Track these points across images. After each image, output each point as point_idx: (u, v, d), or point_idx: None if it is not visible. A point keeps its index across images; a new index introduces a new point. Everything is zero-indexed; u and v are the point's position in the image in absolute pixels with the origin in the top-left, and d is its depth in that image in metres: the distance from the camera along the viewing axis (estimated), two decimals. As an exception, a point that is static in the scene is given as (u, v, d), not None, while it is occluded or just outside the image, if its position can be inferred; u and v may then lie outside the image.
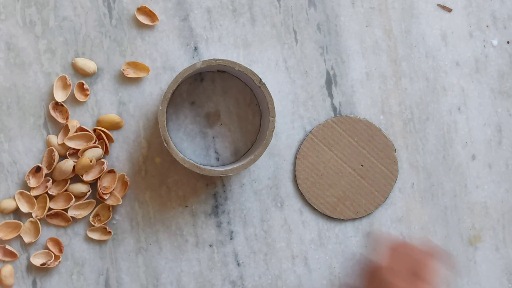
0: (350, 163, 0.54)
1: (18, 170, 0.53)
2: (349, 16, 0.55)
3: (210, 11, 0.54)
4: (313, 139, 0.54)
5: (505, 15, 0.56)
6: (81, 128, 0.53)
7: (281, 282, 0.55)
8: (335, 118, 0.54)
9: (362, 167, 0.54)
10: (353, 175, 0.54)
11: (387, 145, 0.55)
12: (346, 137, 0.54)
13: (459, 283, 0.56)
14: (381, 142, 0.54)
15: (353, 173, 0.54)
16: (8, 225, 0.53)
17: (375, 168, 0.54)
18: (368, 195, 0.54)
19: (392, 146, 0.54)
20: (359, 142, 0.54)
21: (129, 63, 0.53)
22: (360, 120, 0.54)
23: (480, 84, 0.56)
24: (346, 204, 0.54)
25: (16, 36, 0.53)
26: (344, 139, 0.54)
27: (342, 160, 0.54)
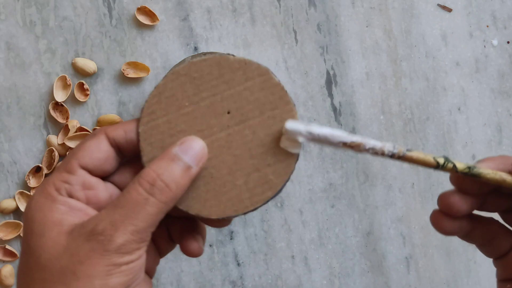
0: (215, 126, 0.36)
1: (18, 170, 0.53)
2: (349, 16, 0.55)
3: (210, 11, 0.54)
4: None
5: (505, 15, 0.56)
6: (81, 128, 0.53)
7: (281, 282, 0.55)
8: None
9: (230, 114, 0.36)
10: (233, 131, 0.37)
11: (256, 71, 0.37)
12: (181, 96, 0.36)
13: (459, 283, 0.56)
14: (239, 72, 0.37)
15: (230, 131, 0.37)
16: (8, 225, 0.53)
17: (241, 98, 0.37)
18: (268, 128, 0.36)
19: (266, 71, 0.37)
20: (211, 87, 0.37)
21: (129, 63, 0.53)
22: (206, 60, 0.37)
23: (480, 84, 0.56)
24: (269, 161, 0.36)
25: (16, 36, 0.53)
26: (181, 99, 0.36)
27: (206, 135, 0.36)
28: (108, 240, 0.32)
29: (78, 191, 0.34)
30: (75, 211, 0.34)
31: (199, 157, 0.35)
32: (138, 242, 0.33)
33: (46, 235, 0.33)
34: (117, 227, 0.32)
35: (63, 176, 0.35)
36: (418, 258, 0.56)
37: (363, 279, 0.55)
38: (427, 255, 0.56)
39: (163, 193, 0.33)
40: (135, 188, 0.33)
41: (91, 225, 0.32)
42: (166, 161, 0.34)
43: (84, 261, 0.32)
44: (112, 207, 0.33)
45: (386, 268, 0.55)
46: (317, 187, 0.55)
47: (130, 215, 0.32)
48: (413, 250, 0.55)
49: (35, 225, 0.33)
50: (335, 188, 0.55)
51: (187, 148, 0.35)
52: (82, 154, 0.35)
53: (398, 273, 0.55)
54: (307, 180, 0.55)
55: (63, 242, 0.32)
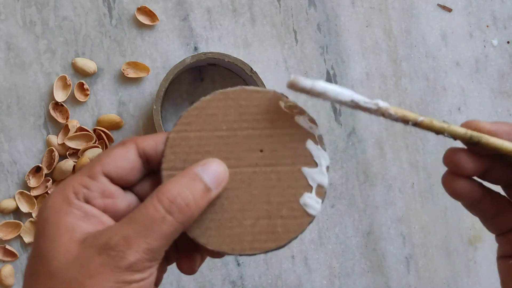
0: (243, 160, 0.35)
1: (18, 170, 0.53)
2: (349, 16, 0.55)
3: (210, 11, 0.54)
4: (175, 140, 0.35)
5: (505, 15, 0.56)
6: (81, 128, 0.53)
7: (281, 282, 0.55)
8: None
9: (262, 152, 0.35)
10: (259, 171, 0.35)
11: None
12: (217, 122, 0.36)
13: (459, 283, 0.56)
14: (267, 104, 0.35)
15: (257, 170, 0.35)
16: (8, 225, 0.53)
17: (279, 142, 0.35)
18: (294, 180, 0.35)
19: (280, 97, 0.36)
20: (241, 119, 0.36)
21: (129, 63, 0.53)
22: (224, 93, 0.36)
23: (480, 84, 0.56)
24: (283, 213, 0.35)
25: (16, 36, 0.53)
26: (213, 130, 0.36)
27: (232, 165, 0.35)
28: (120, 257, 0.31)
29: (97, 198, 0.34)
30: (89, 217, 0.33)
31: (219, 181, 0.34)
32: (151, 260, 0.32)
33: (57, 240, 0.32)
34: (130, 244, 0.31)
35: (84, 181, 0.34)
36: (418, 258, 0.56)
37: (363, 279, 0.55)
38: (427, 255, 0.56)
39: (182, 212, 0.32)
40: (153, 204, 0.32)
41: (104, 238, 0.32)
42: (188, 180, 0.33)
43: (93, 275, 0.31)
44: (128, 220, 0.32)
45: (386, 268, 0.55)
46: (317, 187, 0.55)
47: (145, 233, 0.31)
48: (413, 250, 0.55)
49: (48, 227, 0.33)
50: (335, 188, 0.55)
51: (209, 170, 0.34)
52: (107, 161, 0.34)
53: (398, 273, 0.55)
54: (307, 180, 0.55)
55: (74, 251, 0.32)
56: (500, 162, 0.35)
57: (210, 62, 0.53)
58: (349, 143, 0.55)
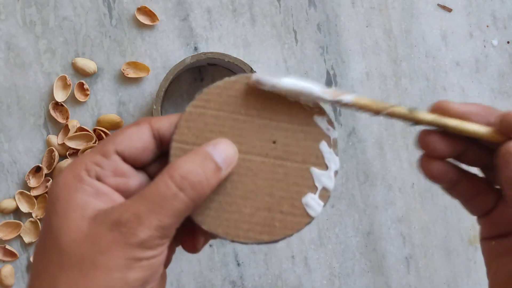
0: (254, 147, 0.35)
1: (18, 170, 0.53)
2: (349, 16, 0.55)
3: (210, 11, 0.54)
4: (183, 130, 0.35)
5: (505, 15, 0.56)
6: (81, 128, 0.53)
7: (281, 282, 0.55)
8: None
9: (275, 144, 0.35)
10: (268, 162, 0.35)
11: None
12: (228, 114, 0.35)
13: (459, 283, 0.56)
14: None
15: (266, 160, 0.35)
16: (8, 225, 0.53)
17: (294, 137, 0.35)
18: (301, 178, 0.35)
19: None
20: (249, 110, 0.35)
21: (129, 63, 0.53)
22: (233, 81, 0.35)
23: (480, 84, 0.56)
24: (284, 208, 0.35)
25: (16, 36, 0.53)
26: (227, 117, 0.35)
27: (242, 151, 0.35)
28: (131, 234, 0.31)
29: (109, 176, 0.34)
30: (101, 195, 0.33)
31: (229, 161, 0.34)
32: (162, 238, 0.32)
33: (68, 217, 0.32)
34: (141, 221, 0.31)
35: (97, 158, 0.33)
36: (418, 258, 0.56)
37: (363, 279, 0.55)
38: (427, 255, 0.56)
39: (194, 189, 0.32)
40: (165, 181, 0.32)
41: (116, 215, 0.31)
42: (199, 158, 0.33)
43: (104, 251, 0.31)
44: (139, 197, 0.32)
45: (386, 268, 0.55)
46: (317, 187, 0.55)
47: (157, 210, 0.31)
48: (413, 250, 0.55)
49: (59, 204, 0.32)
50: (335, 188, 0.55)
51: (220, 150, 0.34)
52: (121, 140, 0.34)
53: (398, 273, 0.55)
54: (307, 180, 0.55)
55: (85, 227, 0.32)
56: (475, 144, 0.34)
57: (210, 62, 0.53)
58: (349, 143, 0.55)
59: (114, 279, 0.31)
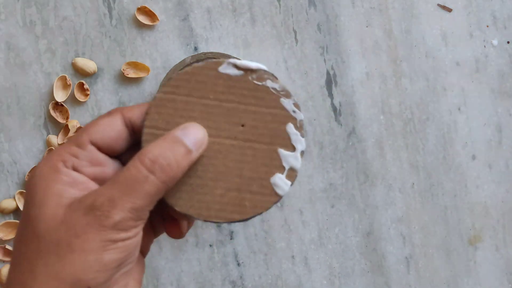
0: (224, 131, 0.36)
1: (18, 170, 0.53)
2: (349, 16, 0.55)
3: (210, 11, 0.54)
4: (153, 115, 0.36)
5: (505, 15, 0.56)
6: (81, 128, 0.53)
7: (281, 282, 0.55)
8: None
9: (243, 127, 0.36)
10: (237, 145, 0.36)
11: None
12: (195, 99, 0.36)
13: (459, 283, 0.56)
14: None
15: (235, 143, 0.36)
16: (8, 225, 0.53)
17: (261, 120, 0.36)
18: (269, 159, 0.36)
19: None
20: (219, 95, 0.36)
21: (129, 63, 0.53)
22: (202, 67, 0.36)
23: (480, 84, 0.56)
24: (253, 188, 0.36)
25: (16, 36, 0.53)
26: (195, 102, 0.36)
27: (212, 134, 0.36)
28: (105, 216, 0.32)
29: (85, 166, 0.35)
30: (77, 184, 0.34)
31: (199, 143, 0.35)
32: (135, 219, 0.33)
33: (45, 205, 0.33)
34: (115, 204, 0.32)
35: (72, 149, 0.34)
36: (418, 258, 0.56)
37: (363, 279, 0.55)
38: (427, 255, 0.56)
39: (164, 172, 0.33)
40: (135, 166, 0.33)
41: (90, 200, 0.32)
42: (168, 142, 0.34)
43: (80, 235, 0.32)
44: (112, 183, 0.33)
45: (386, 268, 0.55)
46: (317, 187, 0.55)
47: (129, 192, 0.32)
48: (413, 250, 0.55)
49: (36, 194, 0.33)
50: (335, 188, 0.55)
51: (189, 133, 0.35)
52: (94, 130, 0.35)
53: (398, 273, 0.55)
54: (307, 180, 0.55)
55: (61, 214, 0.33)
56: None
57: (210, 62, 0.53)
58: (349, 143, 0.55)
59: (90, 261, 0.32)
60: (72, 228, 0.32)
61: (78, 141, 0.35)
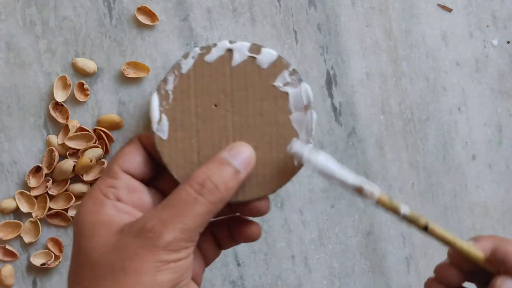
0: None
1: (18, 170, 0.53)
2: (349, 16, 0.55)
3: (210, 11, 0.54)
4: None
5: (505, 15, 0.56)
6: (81, 128, 0.53)
7: (281, 282, 0.55)
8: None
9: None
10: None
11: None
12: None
13: (459, 283, 0.56)
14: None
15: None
16: (8, 225, 0.53)
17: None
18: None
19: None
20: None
21: (129, 63, 0.53)
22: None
23: (480, 84, 0.56)
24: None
25: (16, 36, 0.53)
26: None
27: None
28: (157, 237, 0.32)
29: (124, 194, 0.36)
30: (123, 213, 0.35)
31: (247, 163, 0.36)
32: (187, 241, 0.33)
33: (96, 235, 0.34)
34: (166, 225, 0.33)
35: (108, 182, 0.36)
36: (418, 258, 0.56)
37: (363, 279, 0.55)
38: (427, 255, 0.56)
39: (213, 193, 0.34)
40: (185, 189, 0.34)
41: (140, 223, 0.33)
42: (216, 165, 0.35)
43: (133, 257, 0.32)
44: (161, 206, 0.34)
45: (386, 268, 0.55)
46: (317, 187, 0.55)
47: (180, 214, 0.33)
48: (413, 250, 0.55)
49: (86, 227, 0.34)
50: (335, 188, 0.55)
51: (236, 154, 0.36)
52: (122, 159, 0.37)
53: (398, 273, 0.55)
54: (307, 180, 0.55)
55: (112, 240, 0.33)
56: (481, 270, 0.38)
57: (210, 62, 0.53)
58: (349, 143, 0.55)
59: (145, 282, 0.32)
60: (124, 251, 0.33)
61: (111, 172, 0.36)
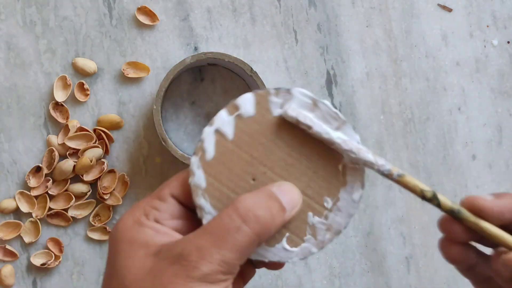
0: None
1: (18, 170, 0.53)
2: (349, 16, 0.55)
3: (210, 11, 0.54)
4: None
5: (505, 15, 0.56)
6: (81, 128, 0.53)
7: (281, 282, 0.55)
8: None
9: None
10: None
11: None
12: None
13: (459, 283, 0.56)
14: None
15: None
16: (8, 225, 0.53)
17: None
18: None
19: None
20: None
21: (129, 63, 0.53)
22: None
23: (481, 84, 0.56)
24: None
25: (16, 36, 0.53)
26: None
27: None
28: (193, 267, 0.31)
29: (167, 219, 0.34)
30: (161, 234, 0.33)
31: (294, 203, 0.34)
32: (225, 273, 0.31)
33: (132, 256, 0.32)
34: (203, 254, 0.31)
35: (154, 203, 0.34)
36: (418, 258, 0.56)
37: (363, 279, 0.55)
38: (427, 255, 0.56)
39: (258, 223, 0.32)
40: (229, 214, 0.32)
41: (178, 249, 0.31)
42: (264, 195, 0.33)
43: (166, 284, 0.31)
44: (202, 231, 0.32)
45: (386, 268, 0.55)
46: (317, 187, 0.55)
47: (219, 243, 0.31)
48: (413, 250, 0.55)
49: (122, 245, 0.33)
50: (335, 188, 0.55)
51: (285, 191, 0.34)
52: (175, 184, 0.35)
53: (398, 273, 0.55)
54: (307, 180, 0.55)
55: (149, 264, 0.32)
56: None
57: (210, 62, 0.53)
58: (349, 143, 0.55)
59: None
60: (158, 277, 0.31)
61: (159, 194, 0.35)
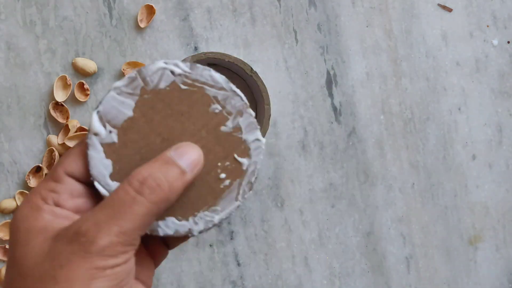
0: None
1: (18, 170, 0.53)
2: (349, 16, 0.55)
3: (210, 11, 0.54)
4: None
5: (505, 15, 0.56)
6: (82, 128, 0.53)
7: (281, 282, 0.55)
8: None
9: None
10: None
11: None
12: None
13: (459, 283, 0.56)
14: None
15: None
16: (8, 225, 0.53)
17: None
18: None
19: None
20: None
21: (129, 63, 0.53)
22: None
23: (481, 84, 0.56)
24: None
25: (16, 36, 0.53)
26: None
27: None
28: (90, 242, 0.30)
29: (66, 200, 0.33)
30: (61, 218, 0.32)
31: (194, 164, 0.33)
32: (124, 245, 0.30)
33: (30, 243, 0.31)
34: (100, 228, 0.30)
35: (50, 185, 0.33)
36: (418, 258, 0.56)
37: (363, 279, 0.55)
38: (427, 255, 0.56)
39: (154, 192, 0.31)
40: (123, 188, 0.31)
41: (75, 227, 0.30)
42: (160, 163, 0.32)
43: (64, 264, 0.30)
44: (98, 207, 0.31)
45: (386, 268, 0.55)
46: (317, 187, 0.55)
47: (116, 215, 0.30)
48: (413, 250, 0.55)
49: (20, 234, 0.32)
50: (335, 188, 0.55)
51: (183, 153, 0.33)
52: (68, 162, 0.33)
53: (398, 273, 0.55)
54: (307, 180, 0.55)
55: (46, 248, 0.31)
56: None
57: (210, 62, 0.53)
58: (349, 143, 0.55)
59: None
60: (56, 259, 0.30)
61: (54, 175, 0.33)
